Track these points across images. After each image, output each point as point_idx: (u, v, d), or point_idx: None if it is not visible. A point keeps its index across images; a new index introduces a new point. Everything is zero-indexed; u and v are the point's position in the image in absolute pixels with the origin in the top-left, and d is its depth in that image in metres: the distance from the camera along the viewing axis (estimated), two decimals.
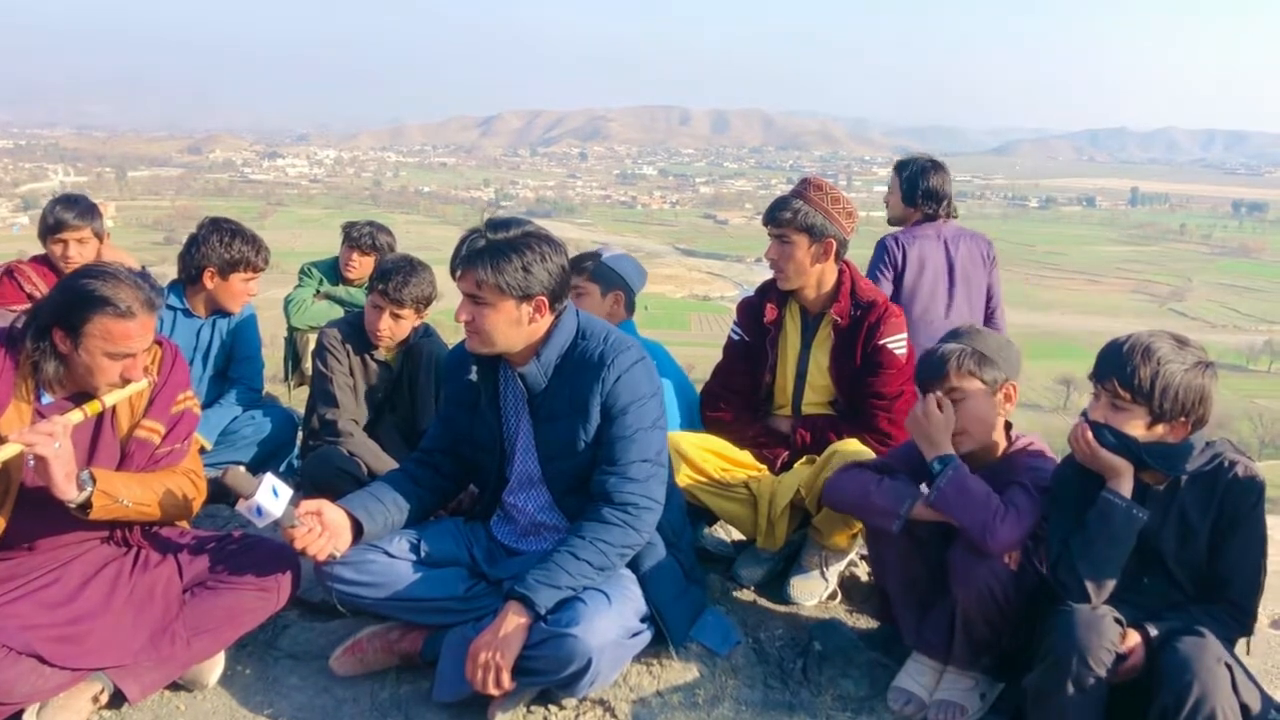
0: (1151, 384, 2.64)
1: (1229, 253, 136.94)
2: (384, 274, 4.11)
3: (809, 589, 3.66)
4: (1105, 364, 2.73)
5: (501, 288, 2.75)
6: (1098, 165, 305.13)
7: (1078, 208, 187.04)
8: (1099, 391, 2.75)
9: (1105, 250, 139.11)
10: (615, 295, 4.00)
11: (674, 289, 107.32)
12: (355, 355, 4.21)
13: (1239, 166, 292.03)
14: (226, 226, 4.37)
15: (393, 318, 4.12)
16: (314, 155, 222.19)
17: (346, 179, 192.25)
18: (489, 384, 3.01)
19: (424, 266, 4.18)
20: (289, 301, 6.04)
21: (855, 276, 3.79)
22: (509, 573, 2.99)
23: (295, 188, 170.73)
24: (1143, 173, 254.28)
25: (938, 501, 2.90)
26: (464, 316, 2.82)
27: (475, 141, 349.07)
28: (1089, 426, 2.75)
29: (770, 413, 3.95)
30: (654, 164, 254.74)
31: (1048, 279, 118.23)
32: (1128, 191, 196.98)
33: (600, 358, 2.87)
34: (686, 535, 3.24)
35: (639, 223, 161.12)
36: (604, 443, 2.87)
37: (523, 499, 3.10)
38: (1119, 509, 2.70)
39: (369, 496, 3.02)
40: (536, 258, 2.78)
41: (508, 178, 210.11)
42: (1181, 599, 2.78)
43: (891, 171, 5.40)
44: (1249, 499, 2.72)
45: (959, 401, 2.99)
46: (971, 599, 2.88)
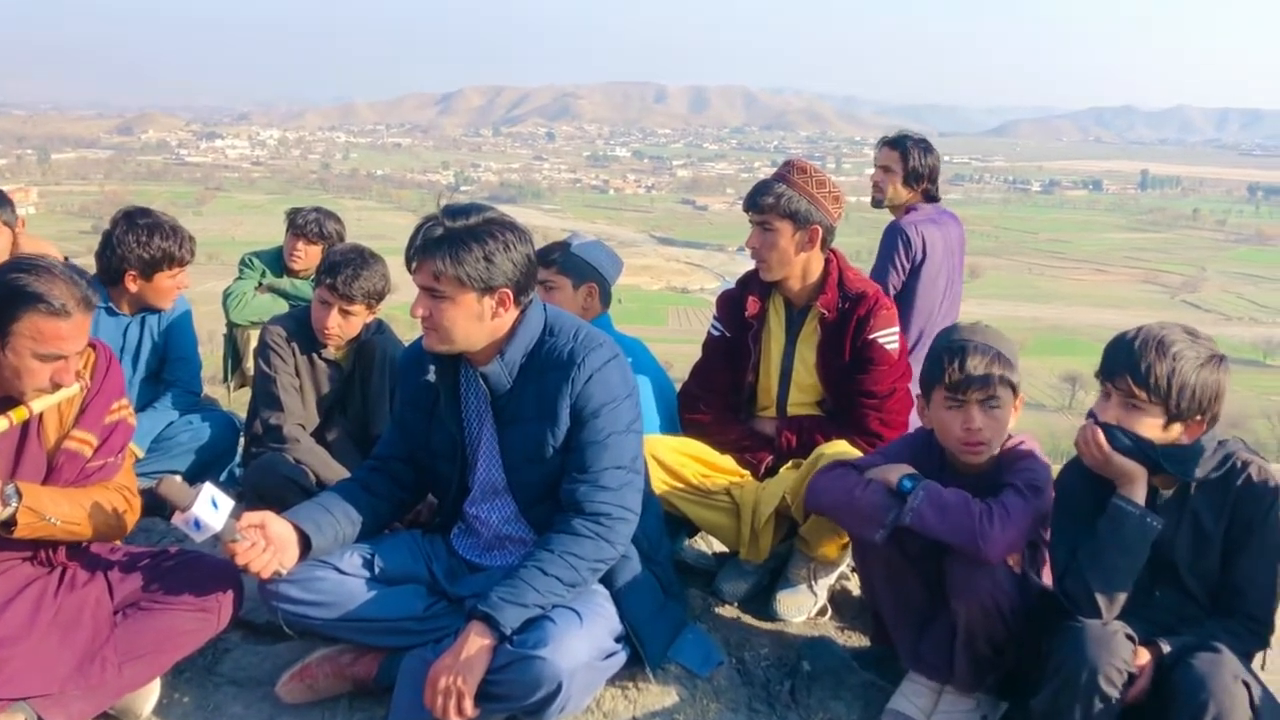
0: (1169, 381, 2.66)
1: (1245, 240, 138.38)
2: (332, 266, 4.08)
3: (796, 604, 3.67)
4: (1116, 360, 2.74)
5: (461, 279, 2.74)
6: (1104, 146, 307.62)
7: (1083, 192, 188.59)
8: (1109, 390, 2.76)
9: (1112, 237, 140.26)
10: (589, 288, 3.99)
11: (650, 280, 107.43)
12: (302, 354, 4.19)
13: (1255, 147, 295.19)
14: (142, 222, 4.28)
15: (342, 314, 4.09)
16: (256, 135, 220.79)
17: (292, 161, 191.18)
18: (448, 385, 3.00)
19: (376, 258, 4.15)
20: (228, 295, 6.00)
21: (843, 266, 3.80)
22: (471, 590, 2.98)
23: (236, 171, 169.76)
24: (1153, 154, 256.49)
25: (916, 523, 2.91)
26: (420, 312, 2.81)
27: (433, 120, 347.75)
28: (1100, 429, 2.75)
29: (753, 414, 3.96)
30: (627, 145, 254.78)
31: (1051, 268, 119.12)
32: (1136, 174, 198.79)
33: (570, 356, 2.86)
34: (664, 547, 3.24)
35: (611, 209, 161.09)
36: (574, 448, 2.86)
37: (486, 510, 3.09)
38: (1132, 517, 2.72)
39: (318, 508, 3.01)
40: (499, 246, 2.77)
41: (468, 160, 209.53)
42: (1196, 612, 2.80)
43: (881, 149, 5.36)
44: (1265, 502, 2.74)
45: (996, 409, 3.00)
46: (974, 612, 2.89)
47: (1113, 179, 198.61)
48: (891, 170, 5.25)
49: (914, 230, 5.09)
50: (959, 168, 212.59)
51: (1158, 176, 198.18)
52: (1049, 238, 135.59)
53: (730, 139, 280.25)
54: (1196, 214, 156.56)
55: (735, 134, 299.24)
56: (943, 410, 3.03)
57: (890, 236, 5.13)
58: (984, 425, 2.99)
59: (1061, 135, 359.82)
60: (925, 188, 5.25)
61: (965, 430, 2.99)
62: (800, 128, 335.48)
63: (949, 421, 3.02)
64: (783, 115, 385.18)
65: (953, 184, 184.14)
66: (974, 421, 2.98)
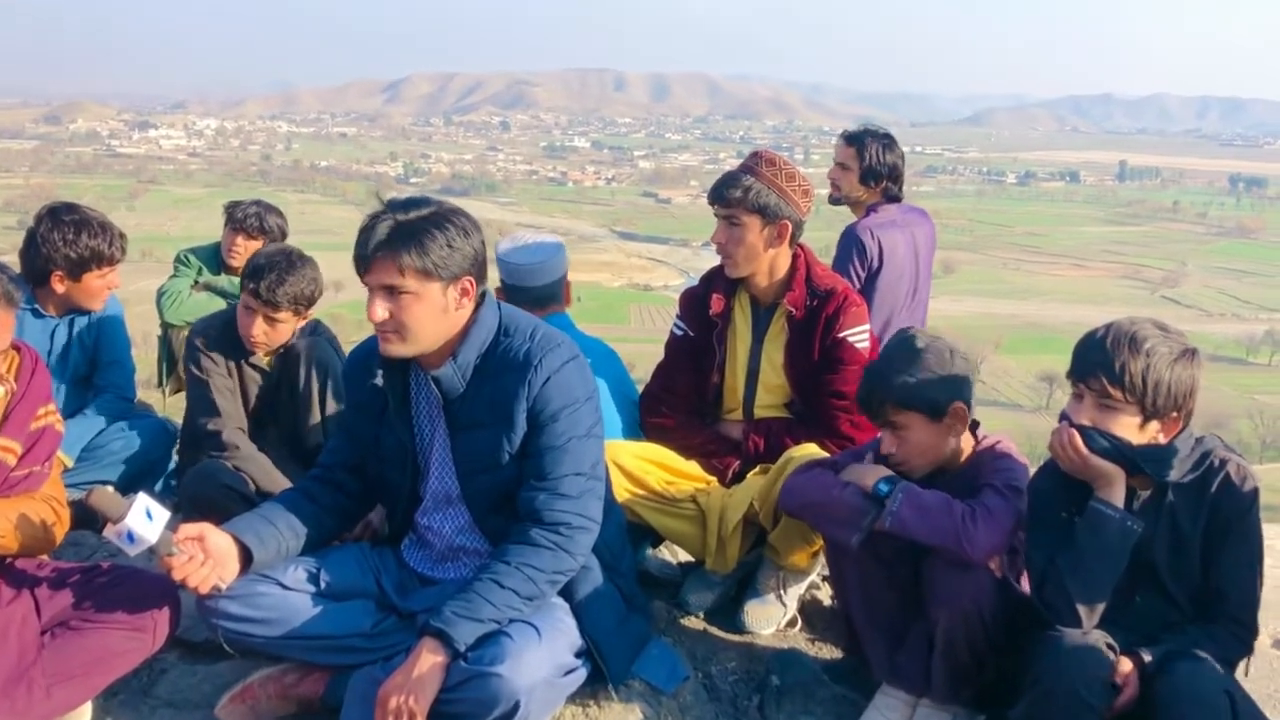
0: (1144, 379, 2.69)
1: (1226, 233, 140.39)
2: (255, 270, 3.99)
3: (765, 615, 3.68)
4: (1087, 359, 2.76)
5: (428, 270, 2.73)
6: (1082, 136, 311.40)
7: (1060, 183, 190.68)
8: (1081, 391, 2.79)
9: (1091, 231, 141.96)
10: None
11: (610, 277, 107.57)
12: (230, 359, 4.13)
13: (1236, 137, 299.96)
14: (68, 218, 4.21)
15: (267, 321, 4.02)
16: (192, 125, 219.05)
17: (230, 152, 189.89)
18: (397, 389, 2.99)
19: (304, 260, 4.07)
20: (163, 294, 5.94)
21: (811, 262, 3.81)
22: (423, 605, 2.96)
23: (171, 163, 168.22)
24: (1131, 144, 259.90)
25: (895, 526, 2.94)
26: (380, 315, 2.78)
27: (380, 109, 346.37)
28: (1075, 431, 2.78)
29: (719, 417, 3.96)
30: (586, 135, 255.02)
31: (1027, 263, 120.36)
32: (1115, 165, 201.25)
33: (526, 357, 2.85)
34: (627, 558, 3.24)
35: (570, 202, 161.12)
36: (532, 454, 2.85)
37: (438, 520, 3.07)
38: (1112, 521, 2.74)
39: (259, 519, 2.98)
40: (459, 233, 2.78)
41: (418, 150, 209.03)
42: (1178, 618, 2.83)
43: (840, 143, 5.36)
44: (1244, 501, 2.78)
45: (901, 432, 3.09)
46: (955, 619, 2.91)
47: (1090, 170, 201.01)
48: (848, 167, 5.23)
49: (869, 236, 5.08)
50: (931, 159, 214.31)
51: (1136, 167, 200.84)
52: (1025, 231, 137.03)
53: (694, 129, 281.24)
54: (1177, 206, 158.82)
55: (699, 123, 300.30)
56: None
57: (845, 242, 5.13)
58: (893, 450, 3.11)
59: (1037, 124, 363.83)
60: (885, 186, 5.24)
61: (886, 450, 3.13)
62: (766, 117, 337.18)
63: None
64: (748, 104, 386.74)
65: (925, 176, 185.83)
66: (884, 443, 3.12)
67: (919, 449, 3.10)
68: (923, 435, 3.08)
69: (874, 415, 3.13)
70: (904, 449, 3.10)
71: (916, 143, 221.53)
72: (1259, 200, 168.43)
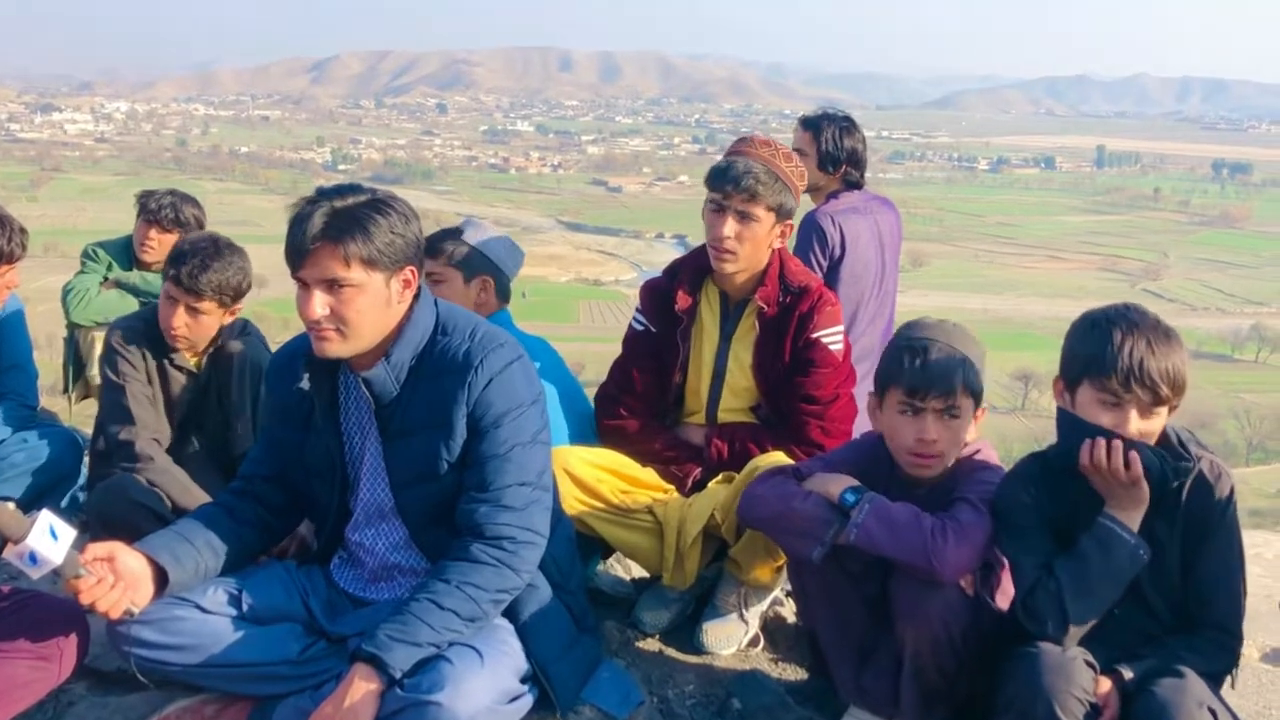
0: (1184, 377, 2.70)
1: (1209, 222, 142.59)
2: (177, 257, 3.96)
3: (725, 635, 3.69)
4: (1129, 365, 2.69)
5: (373, 259, 2.73)
6: (1057, 119, 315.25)
7: (1035, 170, 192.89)
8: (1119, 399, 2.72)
9: (1067, 220, 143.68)
10: (482, 281, 3.98)
11: (558, 271, 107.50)
12: (152, 359, 4.09)
13: (1219, 120, 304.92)
14: None
15: (189, 312, 3.99)
16: (100, 108, 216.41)
17: (142, 137, 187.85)
18: (325, 394, 2.97)
19: (232, 248, 4.05)
20: (69, 292, 5.88)
21: (785, 257, 3.82)
22: (355, 628, 2.95)
23: (77, 149, 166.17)
24: (1109, 128, 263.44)
25: (861, 540, 2.94)
26: (319, 312, 2.75)
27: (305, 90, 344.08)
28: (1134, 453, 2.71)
29: (680, 420, 3.97)
30: (529, 118, 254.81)
31: (1001, 255, 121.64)
32: (1092, 150, 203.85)
33: (466, 357, 2.84)
34: (576, 574, 3.24)
35: (513, 190, 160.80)
36: (472, 463, 2.85)
37: (371, 536, 3.06)
38: (1125, 544, 2.75)
39: (175, 537, 2.96)
40: (400, 219, 2.78)
41: (347, 135, 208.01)
42: (1158, 630, 2.87)
43: (796, 128, 5.40)
44: (1221, 500, 2.81)
45: (954, 419, 3.04)
46: (923, 639, 2.92)
47: (1066, 155, 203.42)
48: (804, 153, 5.25)
49: (830, 223, 5.11)
50: (899, 144, 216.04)
51: (1115, 153, 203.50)
52: (998, 221, 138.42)
53: (645, 111, 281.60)
54: (1157, 194, 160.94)
55: (651, 106, 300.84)
56: (895, 415, 3.07)
57: (804, 230, 5.15)
58: (940, 436, 3.03)
59: (1010, 107, 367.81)
60: (845, 172, 5.28)
61: (918, 440, 3.04)
62: (723, 99, 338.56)
63: (901, 428, 3.06)
64: (703, 85, 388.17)
65: (892, 162, 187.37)
66: (928, 432, 3.03)
67: (957, 441, 3.08)
68: (964, 425, 3.07)
69: (939, 391, 3.01)
70: (948, 439, 3.05)
71: (883, 127, 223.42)
72: (1244, 187, 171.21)
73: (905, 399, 3.03)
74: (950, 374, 3.00)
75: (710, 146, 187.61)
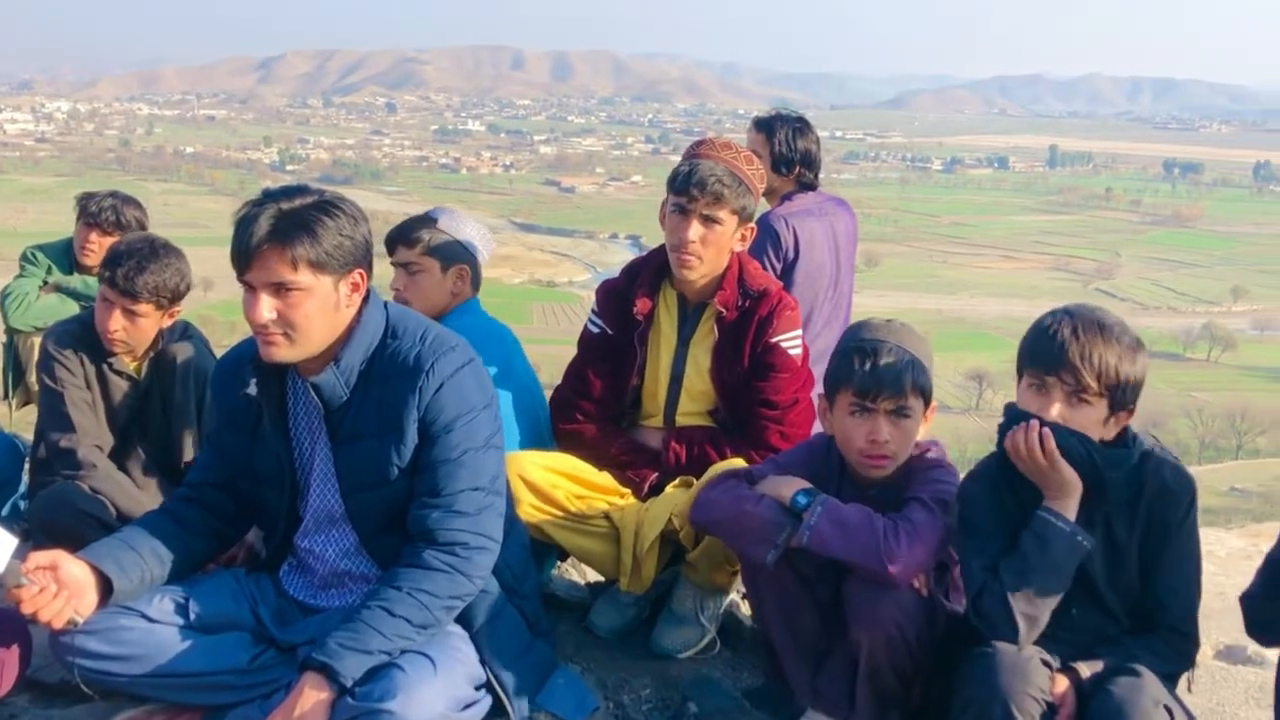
0: (1116, 369, 2.73)
1: (1161, 221, 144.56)
2: (113, 258, 3.93)
3: (682, 638, 3.69)
4: (1054, 349, 2.77)
5: (321, 261, 2.71)
6: (1010, 119, 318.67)
7: (987, 170, 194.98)
8: (1045, 383, 2.79)
9: (1020, 220, 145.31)
10: (459, 270, 3.98)
11: (511, 273, 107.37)
12: (90, 364, 4.05)
13: (1170, 120, 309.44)
14: None
15: (126, 315, 3.95)
16: (40, 107, 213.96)
17: (84, 138, 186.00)
18: (273, 399, 2.95)
19: (169, 249, 4.01)
20: (7, 296, 5.81)
21: (744, 260, 3.82)
22: (305, 636, 2.93)
23: (16, 149, 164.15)
24: (1061, 128, 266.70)
25: (813, 543, 2.95)
26: (266, 316, 2.73)
27: (252, 89, 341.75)
28: (1047, 431, 2.76)
29: (637, 423, 3.97)
30: (481, 117, 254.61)
31: (954, 255, 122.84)
32: (1045, 150, 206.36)
33: (417, 361, 2.83)
34: (530, 579, 3.23)
35: (464, 190, 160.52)
36: (424, 468, 2.84)
37: (321, 542, 3.04)
38: (1062, 535, 2.77)
39: (120, 545, 2.93)
40: (349, 220, 2.78)
41: (294, 135, 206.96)
42: (1115, 631, 2.90)
43: (749, 130, 5.40)
44: (1181, 504, 2.84)
45: (905, 420, 3.07)
46: (877, 642, 2.94)
47: (1019, 155, 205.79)
48: (758, 154, 5.28)
49: (784, 225, 5.12)
50: (853, 144, 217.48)
51: (1067, 152, 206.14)
52: (952, 221, 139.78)
53: (598, 111, 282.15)
54: (1109, 193, 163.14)
55: (604, 105, 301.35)
56: (846, 416, 3.09)
57: (759, 233, 5.16)
58: (891, 437, 3.06)
59: (964, 107, 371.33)
60: (799, 173, 5.30)
61: (870, 441, 3.06)
62: (676, 99, 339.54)
63: (852, 429, 3.08)
64: (656, 85, 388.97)
65: (846, 162, 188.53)
66: (880, 432, 3.05)
67: (908, 441, 3.10)
68: (915, 425, 3.10)
69: (891, 391, 3.03)
70: (899, 440, 3.08)
71: (836, 127, 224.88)
72: (1194, 186, 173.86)
73: (856, 400, 3.05)
74: (900, 375, 3.03)
75: (664, 146, 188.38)
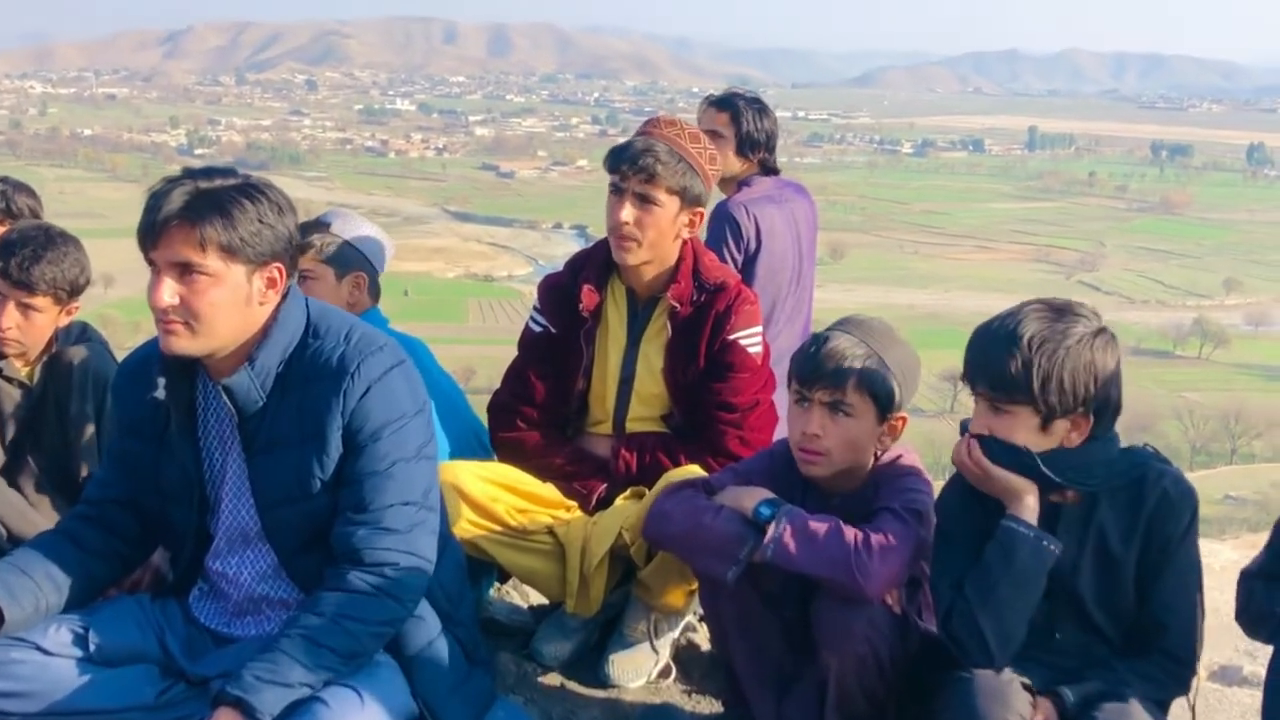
0: (1026, 375, 2.75)
1: (1148, 208, 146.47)
2: (5, 247, 3.88)
3: (634, 666, 3.69)
4: (971, 362, 2.85)
5: (233, 247, 2.69)
6: (986, 98, 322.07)
7: (962, 153, 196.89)
8: (974, 394, 2.88)
9: (997, 208, 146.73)
10: (355, 278, 3.96)
11: (444, 266, 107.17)
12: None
13: (1157, 99, 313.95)
14: None
15: (21, 310, 3.90)
16: None
17: None
18: (181, 405, 2.92)
19: (66, 238, 3.98)
20: None
21: (699, 251, 3.83)
22: (218, 669, 2.89)
23: None
24: (1041, 107, 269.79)
25: (778, 557, 2.96)
26: (167, 299, 2.71)
27: (157, 65, 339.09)
28: (974, 441, 2.86)
29: (583, 431, 3.97)
30: (410, 96, 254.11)
31: (926, 246, 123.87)
32: (1023, 132, 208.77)
33: (341, 362, 2.81)
34: (467, 603, 3.22)
35: (393, 176, 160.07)
36: (349, 481, 2.82)
37: (235, 564, 3.01)
38: (1025, 540, 2.81)
39: (10, 569, 2.89)
40: (272, 209, 2.75)
41: (204, 115, 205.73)
42: (1104, 653, 2.92)
43: (706, 110, 5.39)
44: (1183, 518, 2.86)
45: (843, 416, 3.09)
46: (848, 664, 2.95)
47: (996, 137, 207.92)
48: (721, 136, 5.24)
49: (745, 214, 5.12)
50: (816, 126, 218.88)
51: (1048, 134, 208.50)
52: (924, 209, 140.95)
53: (540, 89, 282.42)
54: (1093, 178, 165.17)
55: (546, 83, 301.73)
56: (792, 405, 3.17)
57: (717, 222, 5.16)
58: (823, 432, 3.10)
59: (936, 85, 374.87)
60: (761, 157, 5.30)
61: (802, 434, 3.12)
62: (625, 75, 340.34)
63: (793, 420, 3.17)
64: (603, 60, 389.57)
65: (809, 145, 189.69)
66: (811, 424, 3.10)
67: (848, 444, 3.12)
68: (862, 430, 3.11)
69: (826, 382, 3.08)
70: (834, 437, 3.10)
71: (799, 107, 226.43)
72: (1184, 170, 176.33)
73: (797, 388, 3.13)
74: (841, 367, 3.07)
75: (612, 128, 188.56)
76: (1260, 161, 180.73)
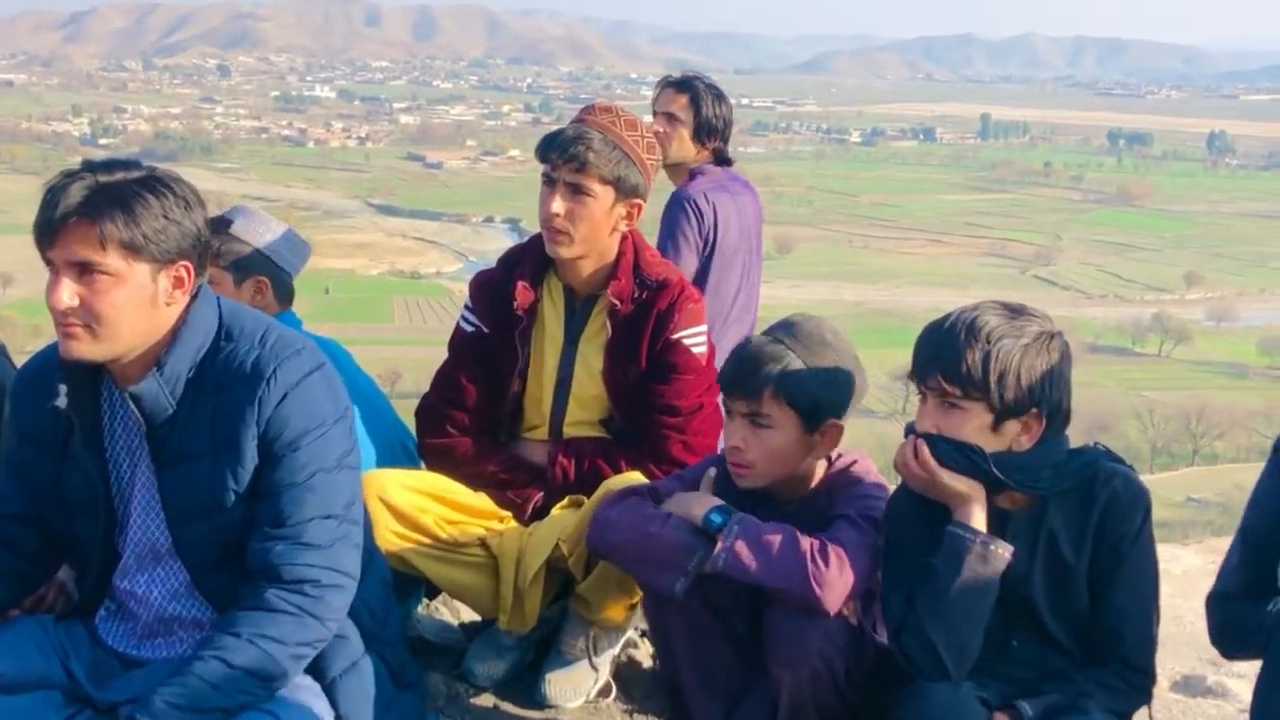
0: (984, 369, 2.78)
1: (1106, 200, 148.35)
2: None
3: (572, 684, 3.69)
4: (923, 354, 2.87)
5: (136, 245, 2.66)
6: (937, 85, 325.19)
7: (913, 142, 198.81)
8: (924, 392, 2.90)
9: (949, 199, 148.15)
10: (256, 283, 3.92)
11: (368, 263, 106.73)
12: None
13: (1115, 85, 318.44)
14: None
15: None
16: None
17: None
18: (85, 412, 2.88)
19: None
20: None
21: (640, 245, 3.82)
22: (127, 694, 2.85)
23: None
24: (995, 94, 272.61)
25: (729, 567, 2.97)
26: (66, 301, 2.68)
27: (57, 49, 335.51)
28: (921, 441, 2.87)
29: (518, 436, 3.96)
30: (330, 82, 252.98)
31: (877, 239, 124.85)
32: (976, 120, 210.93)
33: (256, 367, 2.79)
34: (393, 620, 3.21)
35: (312, 167, 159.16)
36: (266, 493, 2.79)
37: (144, 582, 2.98)
38: (972, 546, 2.83)
39: None
40: (179, 204, 2.72)
41: (109, 102, 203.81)
42: (1062, 664, 2.94)
43: (664, 91, 5.38)
44: (1134, 520, 2.89)
45: (764, 429, 3.11)
46: (801, 678, 2.95)
47: (948, 126, 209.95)
48: (678, 120, 5.25)
49: (705, 201, 5.13)
50: (761, 113, 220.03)
51: (1001, 122, 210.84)
52: (873, 201, 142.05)
53: (469, 75, 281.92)
54: (1048, 168, 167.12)
55: (475, 68, 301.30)
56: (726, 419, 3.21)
57: (675, 210, 5.15)
58: (744, 444, 3.13)
59: (886, 71, 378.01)
60: (716, 146, 5.32)
61: (727, 447, 3.16)
62: (559, 60, 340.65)
63: (725, 431, 3.20)
64: (536, 44, 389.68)
65: (754, 134, 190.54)
66: (733, 436, 3.15)
67: (773, 455, 3.14)
68: (786, 441, 3.13)
69: (742, 393, 3.12)
70: (756, 449, 3.12)
71: (743, 93, 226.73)
72: (1142, 160, 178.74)
73: (723, 398, 3.21)
74: (754, 376, 3.10)
75: (545, 116, 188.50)
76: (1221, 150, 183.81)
